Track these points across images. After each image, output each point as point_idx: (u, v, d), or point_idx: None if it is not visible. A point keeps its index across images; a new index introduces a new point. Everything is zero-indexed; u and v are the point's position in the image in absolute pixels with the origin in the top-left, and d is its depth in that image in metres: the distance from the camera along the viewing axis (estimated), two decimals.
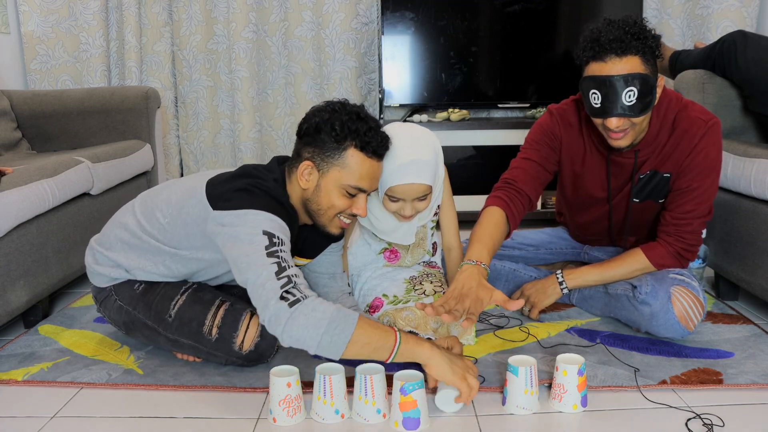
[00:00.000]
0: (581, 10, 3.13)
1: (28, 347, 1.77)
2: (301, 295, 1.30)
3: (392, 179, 1.58)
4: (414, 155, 1.58)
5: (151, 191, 1.65)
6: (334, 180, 1.46)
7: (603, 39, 1.53)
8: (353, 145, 1.44)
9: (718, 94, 2.20)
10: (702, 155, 1.65)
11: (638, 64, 1.53)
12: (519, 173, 1.81)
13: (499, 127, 3.03)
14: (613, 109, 1.56)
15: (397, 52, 3.09)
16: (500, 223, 1.71)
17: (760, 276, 1.86)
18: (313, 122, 1.47)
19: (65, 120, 2.73)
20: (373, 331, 1.32)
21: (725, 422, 1.35)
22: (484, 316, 1.92)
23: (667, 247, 1.72)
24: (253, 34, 3.27)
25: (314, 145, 1.47)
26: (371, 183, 1.49)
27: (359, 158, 1.45)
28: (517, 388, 1.39)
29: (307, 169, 1.48)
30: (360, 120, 1.45)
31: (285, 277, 1.31)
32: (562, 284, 1.83)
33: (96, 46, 3.20)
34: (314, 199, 1.49)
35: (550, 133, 1.81)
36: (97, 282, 1.66)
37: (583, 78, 1.60)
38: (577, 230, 2.02)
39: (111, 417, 1.41)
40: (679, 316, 1.66)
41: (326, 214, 1.50)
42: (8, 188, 1.76)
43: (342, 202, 1.48)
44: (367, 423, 1.36)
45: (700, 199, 1.68)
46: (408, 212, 1.63)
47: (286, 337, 1.29)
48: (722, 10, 3.00)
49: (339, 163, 1.45)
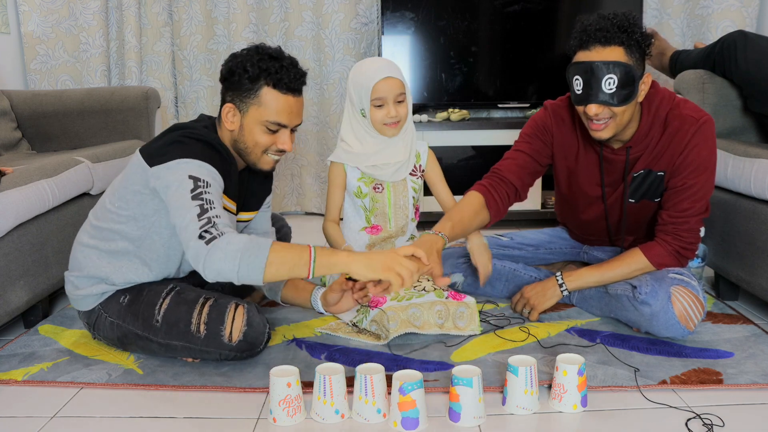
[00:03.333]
0: (581, 11, 3.13)
1: (28, 347, 1.77)
2: (218, 233, 1.38)
3: (372, 79, 1.82)
4: (383, 62, 1.87)
5: (97, 203, 1.73)
6: (254, 118, 1.56)
7: (590, 29, 1.59)
8: (266, 83, 1.53)
9: (718, 94, 2.20)
10: (695, 153, 1.67)
11: (621, 54, 1.58)
12: (507, 163, 1.85)
13: (499, 127, 3.03)
14: (593, 96, 1.59)
15: (397, 52, 3.09)
16: (474, 205, 1.77)
17: (760, 276, 1.86)
18: (228, 66, 1.56)
19: (65, 120, 2.73)
20: (287, 252, 1.38)
21: (725, 422, 1.35)
22: (485, 316, 1.92)
23: (666, 246, 1.73)
24: (254, 35, 3.27)
25: (232, 88, 1.56)
26: (290, 117, 1.57)
27: (273, 95, 1.54)
28: (517, 388, 1.39)
29: (231, 112, 1.58)
30: (273, 59, 1.53)
31: (205, 218, 1.40)
32: (562, 286, 1.84)
33: (96, 46, 3.20)
34: (240, 138, 1.59)
35: (542, 128, 1.85)
36: (84, 306, 1.68)
37: (569, 65, 1.64)
38: (576, 230, 2.02)
39: (111, 417, 1.41)
40: (679, 315, 1.65)
41: (254, 152, 1.59)
42: (8, 188, 1.76)
43: (265, 139, 1.57)
44: (367, 423, 1.36)
45: (695, 197, 1.69)
46: (393, 112, 1.84)
47: (208, 272, 1.37)
48: (722, 10, 3.00)
49: (255, 102, 1.55)
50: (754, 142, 2.16)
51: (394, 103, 1.85)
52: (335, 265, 1.40)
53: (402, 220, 1.94)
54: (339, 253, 1.41)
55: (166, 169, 1.49)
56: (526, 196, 1.89)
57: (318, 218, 3.38)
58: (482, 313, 1.94)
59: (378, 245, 1.98)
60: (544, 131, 1.85)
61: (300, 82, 1.57)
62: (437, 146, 2.81)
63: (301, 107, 1.62)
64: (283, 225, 2.11)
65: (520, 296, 1.91)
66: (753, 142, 2.14)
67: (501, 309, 2.00)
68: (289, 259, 1.38)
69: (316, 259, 1.38)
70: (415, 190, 1.96)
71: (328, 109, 3.30)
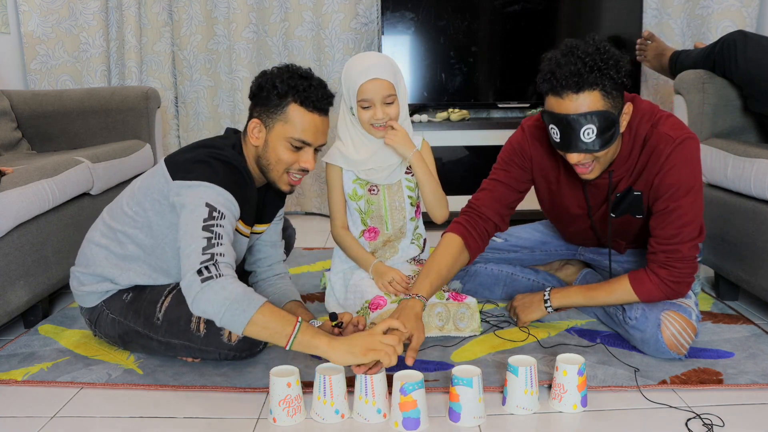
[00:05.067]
0: (581, 10, 3.13)
1: (28, 347, 1.77)
2: (217, 273, 1.39)
3: (357, 80, 1.77)
4: (373, 60, 1.80)
5: (114, 201, 1.72)
6: (279, 134, 1.56)
7: (559, 73, 1.45)
8: (294, 100, 1.54)
9: (718, 94, 2.20)
10: (673, 173, 1.54)
11: (597, 100, 1.45)
12: (484, 197, 1.78)
13: (499, 127, 3.03)
14: (572, 146, 1.50)
15: (397, 52, 3.09)
16: (452, 250, 1.71)
17: (760, 276, 1.86)
18: (258, 83, 1.59)
19: (65, 120, 2.72)
20: (273, 318, 1.38)
21: (725, 422, 1.35)
22: (484, 316, 1.92)
23: (657, 283, 1.60)
24: (254, 35, 3.27)
25: (260, 104, 1.58)
26: (315, 136, 1.58)
27: (300, 112, 1.55)
28: (517, 388, 1.38)
29: (257, 127, 1.59)
30: (301, 78, 1.56)
31: (209, 254, 1.41)
32: (547, 302, 1.78)
33: (96, 46, 3.20)
34: (264, 154, 1.60)
35: (519, 152, 1.76)
36: (87, 303, 1.68)
37: (542, 110, 1.55)
38: (565, 237, 2.00)
39: (111, 417, 1.41)
40: (668, 344, 1.60)
41: (275, 169, 1.59)
42: (8, 188, 1.76)
43: (288, 156, 1.58)
44: (367, 423, 1.36)
45: (682, 221, 1.56)
46: (380, 114, 1.78)
47: (194, 308, 1.40)
48: (722, 10, 3.00)
49: (282, 118, 1.56)
50: (754, 142, 2.16)
51: (382, 105, 1.79)
52: (315, 348, 1.37)
53: (399, 221, 1.91)
54: (321, 337, 1.37)
55: (187, 187, 1.49)
56: (506, 228, 1.83)
57: (318, 218, 3.38)
58: (482, 313, 1.94)
59: (380, 250, 1.93)
60: (522, 156, 1.76)
61: (327, 102, 1.58)
62: (437, 146, 2.80)
63: (327, 127, 1.61)
64: (287, 226, 2.10)
65: (511, 303, 1.90)
66: (753, 142, 2.14)
67: (501, 309, 2.00)
68: (272, 326, 1.37)
69: (296, 336, 1.37)
70: (411, 189, 1.92)
71: None
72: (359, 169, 1.87)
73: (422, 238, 1.99)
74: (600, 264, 1.99)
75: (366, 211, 1.89)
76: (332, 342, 1.37)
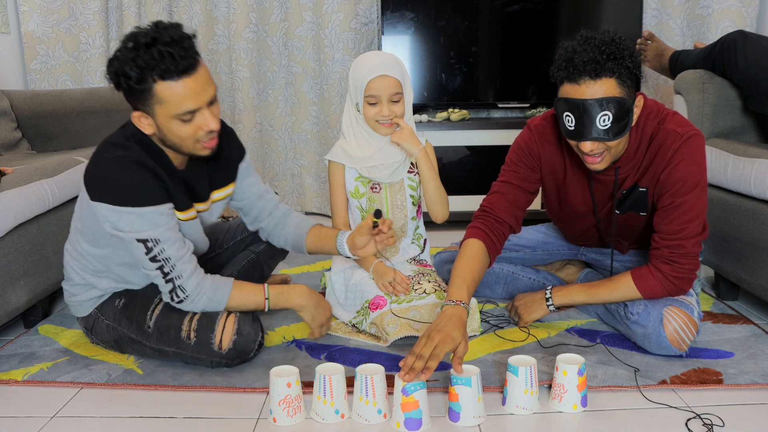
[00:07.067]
0: (581, 10, 3.13)
1: (28, 347, 1.77)
2: (184, 295, 1.55)
3: (367, 75, 1.78)
4: (382, 58, 1.82)
5: None
6: (164, 116, 1.44)
7: (577, 60, 1.46)
8: (154, 79, 1.39)
9: (718, 94, 2.20)
10: (679, 169, 1.56)
11: (613, 87, 1.47)
12: (497, 200, 1.77)
13: (499, 127, 3.03)
14: (587, 133, 1.50)
15: (397, 52, 3.08)
16: (480, 255, 1.69)
17: (760, 276, 1.86)
18: (111, 75, 1.43)
19: (65, 120, 2.72)
20: (244, 295, 1.61)
21: (725, 422, 1.35)
22: (485, 316, 1.92)
23: (660, 279, 1.60)
24: (254, 35, 3.27)
25: (128, 96, 1.46)
26: (197, 99, 1.43)
27: (167, 86, 1.40)
28: (517, 388, 1.39)
29: (140, 118, 1.48)
30: (147, 48, 1.37)
31: (170, 284, 1.54)
32: (549, 301, 1.78)
33: (96, 46, 3.20)
34: (164, 138, 1.50)
35: (527, 152, 1.76)
36: (82, 312, 1.69)
37: (557, 99, 1.55)
38: (569, 237, 2.01)
39: (111, 417, 1.41)
40: (670, 339, 1.60)
41: (184, 145, 1.50)
42: (8, 188, 1.76)
43: (186, 130, 1.46)
44: (367, 423, 1.36)
45: (686, 217, 1.57)
46: (386, 111, 1.80)
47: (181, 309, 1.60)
48: (722, 10, 3.00)
49: (155, 101, 1.42)
50: (754, 142, 2.16)
51: (389, 103, 1.80)
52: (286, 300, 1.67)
53: (400, 219, 1.91)
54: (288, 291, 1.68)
55: (107, 211, 1.48)
56: (520, 230, 1.82)
57: (318, 218, 3.38)
58: (482, 313, 1.94)
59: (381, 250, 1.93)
60: (530, 156, 1.76)
61: (188, 60, 1.41)
62: (437, 146, 2.80)
63: (205, 80, 1.45)
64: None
65: (511, 304, 1.90)
66: (753, 142, 2.14)
67: (501, 309, 2.00)
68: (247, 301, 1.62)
69: (269, 300, 1.64)
70: (413, 188, 1.92)
71: (327, 109, 3.30)
72: (362, 166, 1.87)
73: (423, 238, 1.98)
74: (602, 264, 1.99)
75: (367, 210, 1.89)
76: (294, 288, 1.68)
